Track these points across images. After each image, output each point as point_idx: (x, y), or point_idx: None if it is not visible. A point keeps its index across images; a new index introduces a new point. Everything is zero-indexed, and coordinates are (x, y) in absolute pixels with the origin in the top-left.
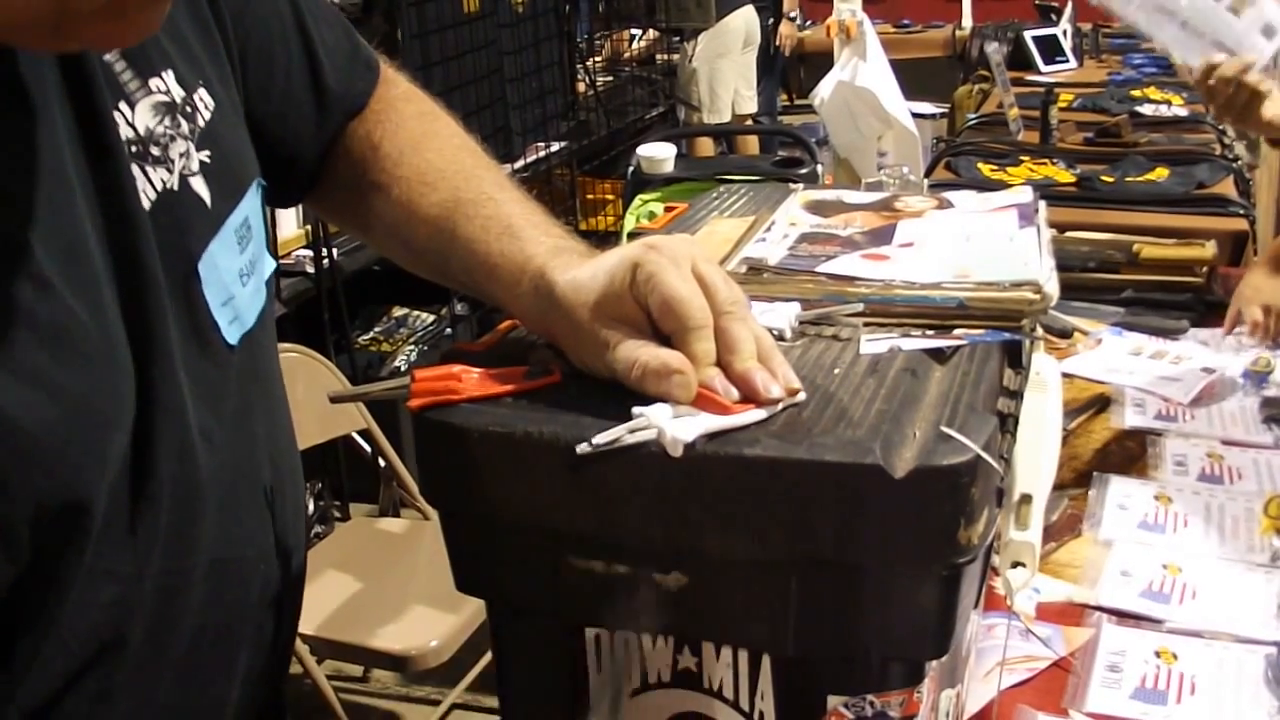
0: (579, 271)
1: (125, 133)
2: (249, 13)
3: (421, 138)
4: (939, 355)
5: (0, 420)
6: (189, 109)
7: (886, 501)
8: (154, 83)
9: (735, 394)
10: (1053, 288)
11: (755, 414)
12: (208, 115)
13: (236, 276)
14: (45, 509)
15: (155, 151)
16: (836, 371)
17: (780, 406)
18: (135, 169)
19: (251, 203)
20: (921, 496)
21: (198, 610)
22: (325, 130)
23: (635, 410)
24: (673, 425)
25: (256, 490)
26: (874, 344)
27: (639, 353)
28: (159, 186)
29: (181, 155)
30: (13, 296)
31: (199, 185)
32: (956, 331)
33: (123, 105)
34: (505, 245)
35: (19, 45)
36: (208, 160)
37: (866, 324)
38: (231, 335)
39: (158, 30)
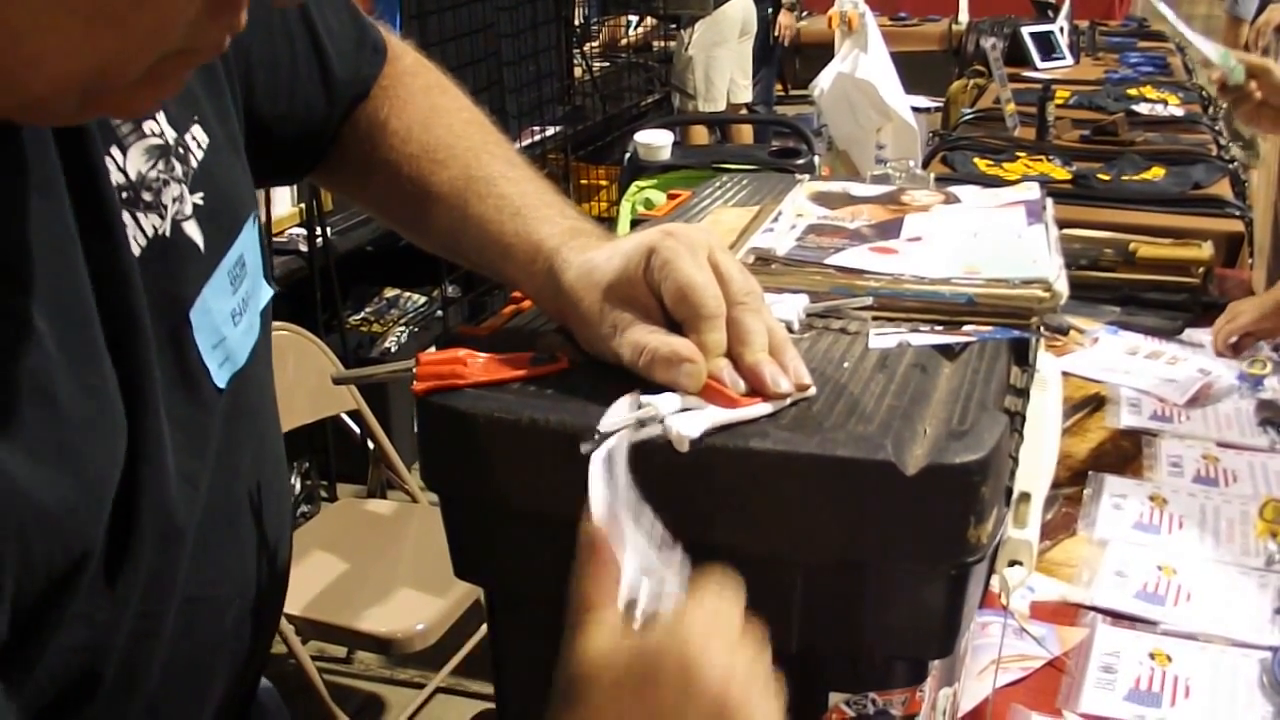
0: (594, 254)
1: (116, 178)
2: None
3: (430, 112)
4: (948, 351)
5: (26, 502)
6: (181, 150)
7: (897, 499)
8: (147, 125)
9: (743, 386)
10: (1062, 286)
11: (762, 408)
12: (200, 155)
13: (228, 317)
14: (53, 575)
15: (147, 197)
16: (846, 365)
17: (789, 401)
18: (125, 215)
19: (246, 239)
20: (932, 494)
21: (169, 647)
22: (333, 119)
23: (642, 400)
24: (679, 418)
25: (236, 528)
26: (883, 338)
27: (648, 339)
28: (150, 233)
29: (175, 200)
30: (31, 376)
31: (192, 230)
32: (965, 328)
33: (114, 150)
34: (519, 226)
35: (37, 121)
36: (201, 203)
37: (875, 318)
38: (221, 378)
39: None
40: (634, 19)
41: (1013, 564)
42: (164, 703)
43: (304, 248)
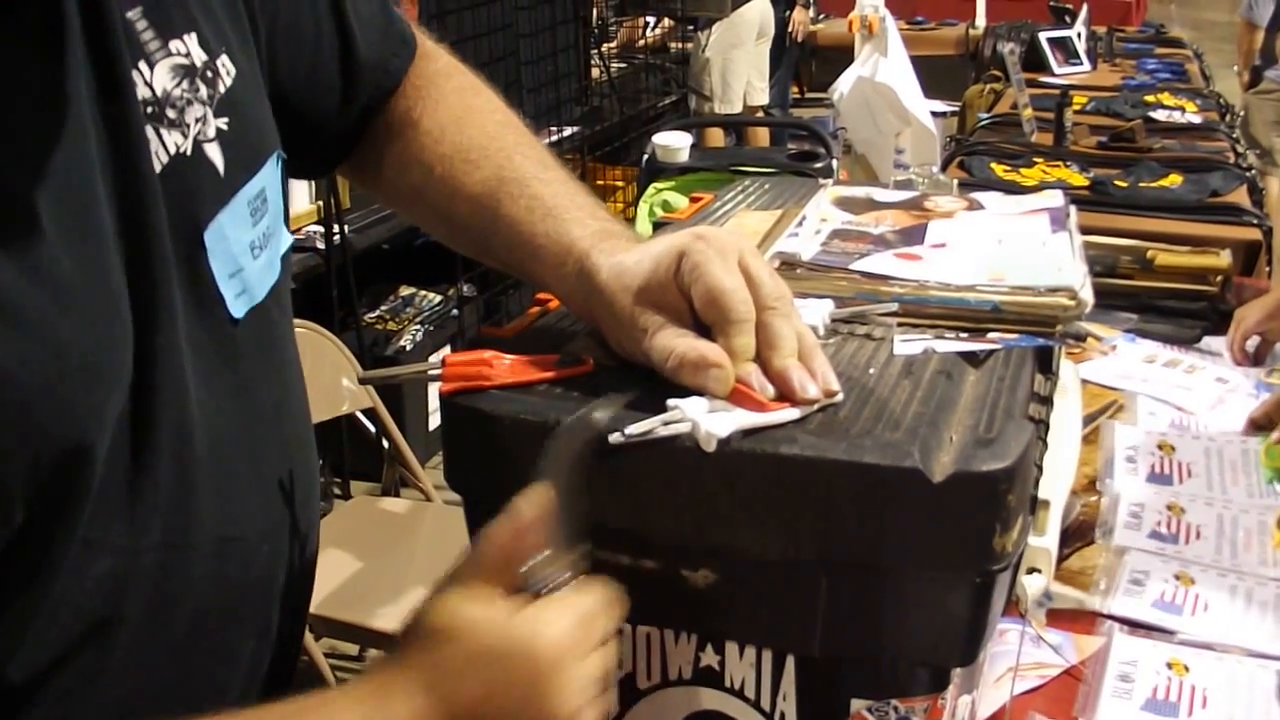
0: (625, 256)
1: (142, 93)
2: None
3: (463, 113)
4: (973, 358)
5: None
6: (210, 74)
7: (923, 506)
8: (174, 44)
9: (771, 391)
10: (1087, 294)
11: (790, 413)
12: (229, 81)
13: (247, 248)
14: (38, 468)
15: (171, 114)
16: (872, 371)
17: (816, 406)
18: (150, 130)
19: (269, 175)
20: (958, 502)
21: (197, 591)
22: (354, 104)
23: (670, 402)
24: (707, 419)
25: (260, 469)
26: (908, 345)
27: (677, 342)
28: (171, 150)
29: (197, 120)
30: (15, 247)
31: (213, 152)
32: (990, 335)
33: (142, 65)
34: (550, 227)
35: None
36: (225, 128)
37: (900, 324)
38: (237, 309)
39: None
40: (651, 20)
41: (1031, 571)
42: (191, 657)
43: (320, 245)
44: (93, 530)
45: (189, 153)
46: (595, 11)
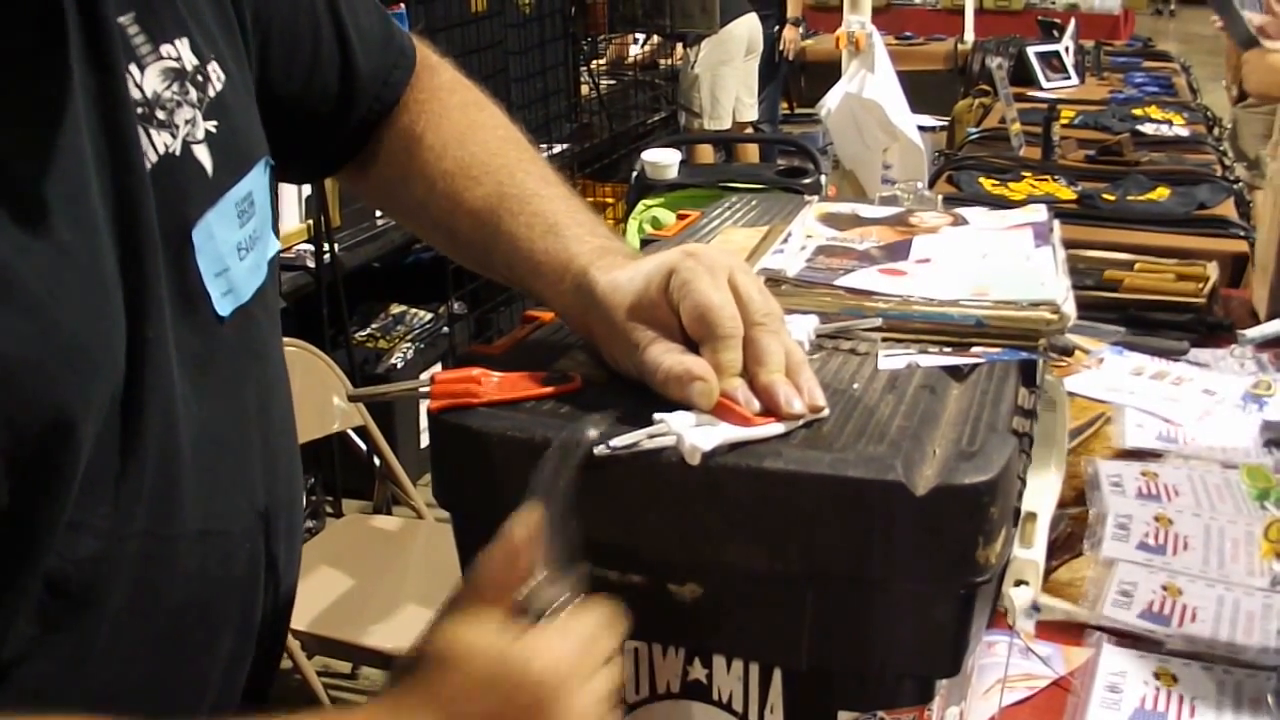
0: (619, 273)
1: (133, 94)
2: None
3: (466, 129)
4: (957, 373)
5: None
6: (200, 78)
7: (907, 519)
8: (165, 49)
9: (757, 405)
10: (1070, 308)
11: (775, 428)
12: (219, 86)
13: (233, 249)
14: (21, 445)
15: (160, 115)
16: (856, 386)
17: (801, 421)
18: (140, 130)
19: (257, 180)
20: (942, 515)
21: (179, 583)
22: (352, 114)
23: (656, 416)
24: (692, 433)
25: (243, 466)
26: (892, 359)
27: (664, 357)
28: (161, 150)
29: (186, 122)
30: (10, 223)
31: (202, 153)
32: (974, 349)
33: (133, 67)
34: (549, 243)
35: None
36: (214, 130)
37: (884, 339)
38: (223, 307)
39: None
40: (640, 36)
41: (1019, 584)
42: (172, 648)
43: (311, 263)
44: (79, 513)
45: (178, 153)
46: (587, 27)
